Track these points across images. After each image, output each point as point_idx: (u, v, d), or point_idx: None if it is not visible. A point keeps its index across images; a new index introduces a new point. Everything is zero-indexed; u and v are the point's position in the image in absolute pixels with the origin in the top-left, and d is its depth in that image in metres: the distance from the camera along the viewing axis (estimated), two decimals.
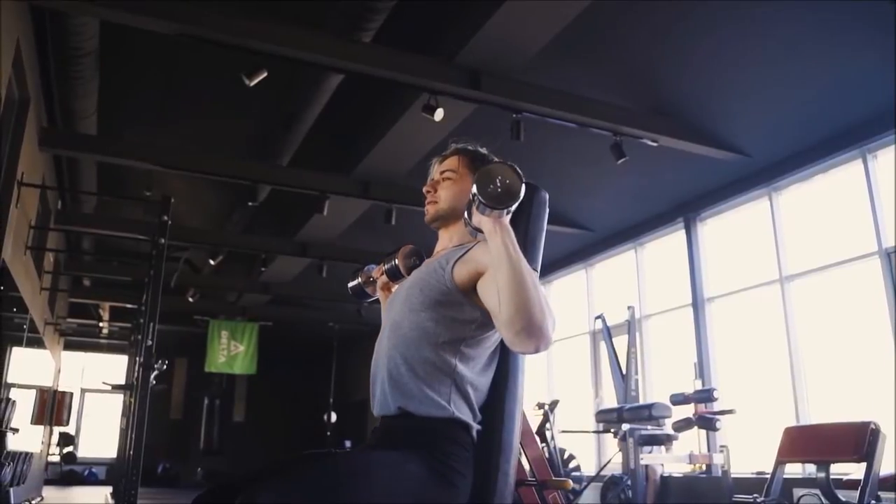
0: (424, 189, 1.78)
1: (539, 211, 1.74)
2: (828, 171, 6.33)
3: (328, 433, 12.45)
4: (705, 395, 5.95)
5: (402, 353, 1.54)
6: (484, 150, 1.79)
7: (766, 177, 6.70)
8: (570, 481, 1.62)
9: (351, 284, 2.07)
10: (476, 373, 1.55)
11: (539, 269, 1.75)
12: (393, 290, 1.91)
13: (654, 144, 6.08)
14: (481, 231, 1.50)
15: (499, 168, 1.45)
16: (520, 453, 1.83)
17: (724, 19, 5.03)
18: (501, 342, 1.60)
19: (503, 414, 1.56)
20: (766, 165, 6.60)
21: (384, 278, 1.91)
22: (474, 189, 1.43)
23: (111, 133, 7.33)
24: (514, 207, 1.44)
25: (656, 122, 6.07)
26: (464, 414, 1.50)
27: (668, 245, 8.13)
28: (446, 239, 1.75)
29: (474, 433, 1.51)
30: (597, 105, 5.86)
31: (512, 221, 1.48)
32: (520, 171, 1.45)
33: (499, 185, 1.42)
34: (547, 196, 1.78)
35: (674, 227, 7.88)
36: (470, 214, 1.54)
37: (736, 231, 7.36)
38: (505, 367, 1.60)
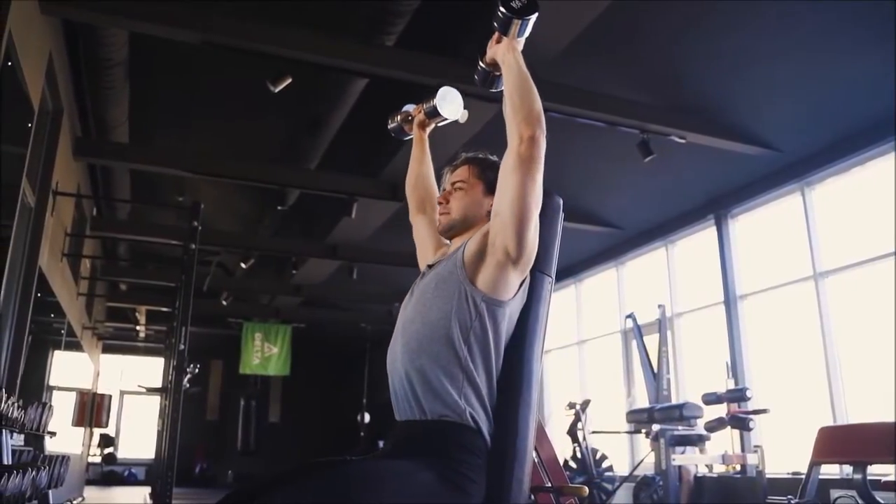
0: (436, 200, 1.79)
1: (553, 217, 1.73)
2: (861, 164, 6.20)
3: (362, 433, 12.55)
4: (738, 395, 5.88)
5: (416, 348, 1.57)
6: (494, 158, 1.80)
7: (797, 171, 6.59)
8: (586, 488, 1.61)
9: (391, 126, 2.21)
10: (486, 366, 1.55)
11: (554, 276, 1.74)
12: (428, 129, 2.11)
13: (682, 141, 6.01)
14: (495, 67, 1.73)
15: None
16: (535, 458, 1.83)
17: (749, 13, 4.95)
18: (512, 338, 1.61)
19: (517, 419, 1.55)
20: (797, 160, 6.49)
21: (421, 116, 2.08)
22: (500, 7, 1.64)
23: (143, 140, 7.46)
24: (528, 29, 1.68)
25: (683, 118, 6.00)
26: (476, 412, 1.51)
27: (698, 242, 8.04)
28: (458, 245, 1.76)
29: (487, 438, 1.51)
30: (622, 103, 5.82)
31: None
32: None
33: (519, 1, 1.64)
34: (561, 202, 1.77)
35: (704, 224, 7.79)
36: (482, 56, 1.75)
37: (768, 227, 7.24)
38: (519, 373, 1.60)
